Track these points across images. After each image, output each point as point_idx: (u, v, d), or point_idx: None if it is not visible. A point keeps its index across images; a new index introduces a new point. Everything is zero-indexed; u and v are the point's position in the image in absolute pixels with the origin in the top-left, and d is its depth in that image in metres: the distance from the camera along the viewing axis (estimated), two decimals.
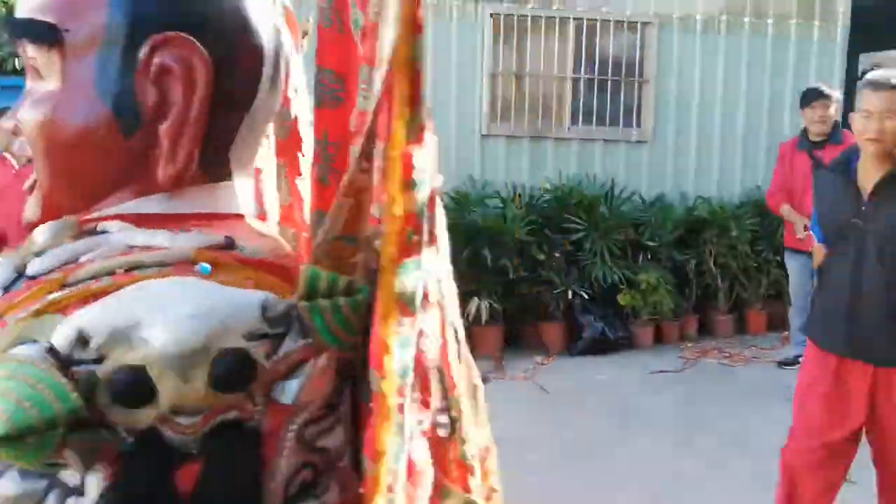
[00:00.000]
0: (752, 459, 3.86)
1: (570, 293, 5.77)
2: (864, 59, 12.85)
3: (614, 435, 4.34)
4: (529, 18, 6.34)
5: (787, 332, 6.23)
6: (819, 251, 2.83)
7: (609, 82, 6.54)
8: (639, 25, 6.53)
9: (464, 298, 5.52)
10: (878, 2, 8.54)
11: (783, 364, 5.41)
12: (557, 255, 5.86)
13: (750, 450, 4.03)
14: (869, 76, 2.60)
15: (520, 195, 6.16)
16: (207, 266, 0.67)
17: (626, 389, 5.05)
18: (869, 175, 2.56)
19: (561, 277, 5.82)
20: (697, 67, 6.66)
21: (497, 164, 6.37)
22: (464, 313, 5.48)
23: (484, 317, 5.56)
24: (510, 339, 5.83)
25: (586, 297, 5.82)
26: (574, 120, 6.51)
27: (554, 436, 4.32)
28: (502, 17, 6.30)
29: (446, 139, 6.27)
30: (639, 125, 6.63)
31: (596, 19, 6.45)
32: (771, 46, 6.76)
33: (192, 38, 0.69)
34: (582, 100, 6.50)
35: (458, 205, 5.87)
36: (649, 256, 6.12)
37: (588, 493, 3.61)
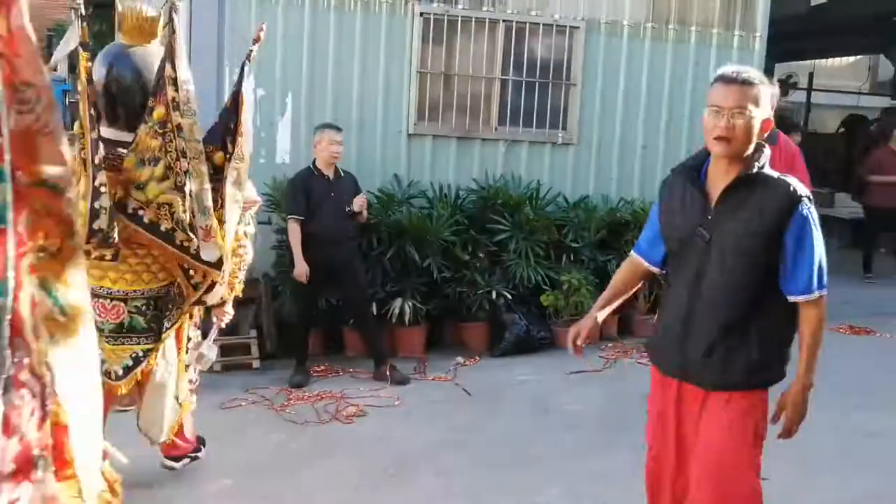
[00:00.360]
0: None
1: (493, 293, 5.82)
2: (779, 69, 13.32)
3: (536, 435, 4.40)
4: (459, 19, 6.35)
5: None
6: None
7: (537, 84, 6.60)
8: (567, 29, 6.60)
9: (388, 298, 5.55)
10: (793, 15, 8.84)
11: None
12: (482, 255, 5.91)
13: None
14: (720, 70, 2.37)
15: (446, 195, 6.19)
16: None
17: (547, 390, 5.13)
18: (717, 180, 2.36)
19: (485, 278, 5.87)
20: (623, 72, 6.78)
21: (423, 163, 6.37)
22: (388, 313, 5.51)
23: (408, 317, 5.57)
24: (433, 340, 5.86)
25: (509, 297, 5.88)
26: (501, 121, 6.55)
27: (475, 436, 4.36)
28: (432, 16, 6.29)
29: (372, 137, 6.25)
30: (565, 127, 6.71)
31: (525, 22, 6.50)
32: (693, 53, 6.93)
33: None
34: (510, 101, 6.55)
35: (383, 204, 5.85)
36: (572, 257, 6.22)
37: (510, 494, 3.65)
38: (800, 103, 16.41)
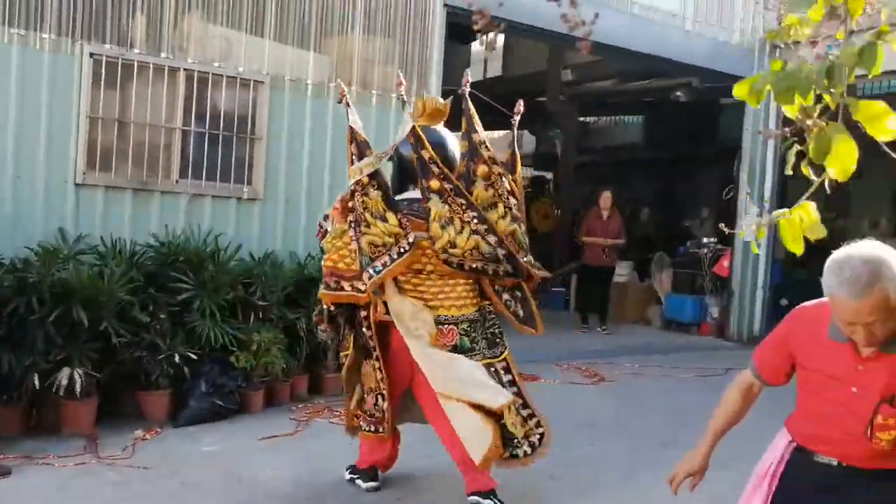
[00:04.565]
0: None
1: (176, 357, 5.38)
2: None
3: None
4: (135, 64, 5.92)
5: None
6: None
7: (220, 137, 6.37)
8: (252, 83, 6.49)
9: (53, 368, 4.85)
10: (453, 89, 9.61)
11: None
12: (163, 316, 5.46)
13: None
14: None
15: (120, 251, 5.64)
16: None
17: (238, 459, 4.81)
18: None
19: (167, 340, 5.41)
20: (308, 129, 6.81)
21: (94, 216, 5.77)
22: (54, 385, 4.82)
23: (77, 388, 4.92)
24: (106, 413, 5.23)
25: (195, 359, 5.48)
26: (183, 173, 6.19)
27: None
28: (104, 58, 5.79)
29: (33, 187, 5.54)
30: (250, 182, 6.54)
31: (208, 73, 6.27)
32: (375, 115, 7.19)
33: None
34: (192, 153, 6.23)
35: (45, 261, 5.16)
36: (261, 315, 6.01)
37: None
38: None
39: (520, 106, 4.49)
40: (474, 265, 3.96)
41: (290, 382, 6.10)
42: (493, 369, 4.06)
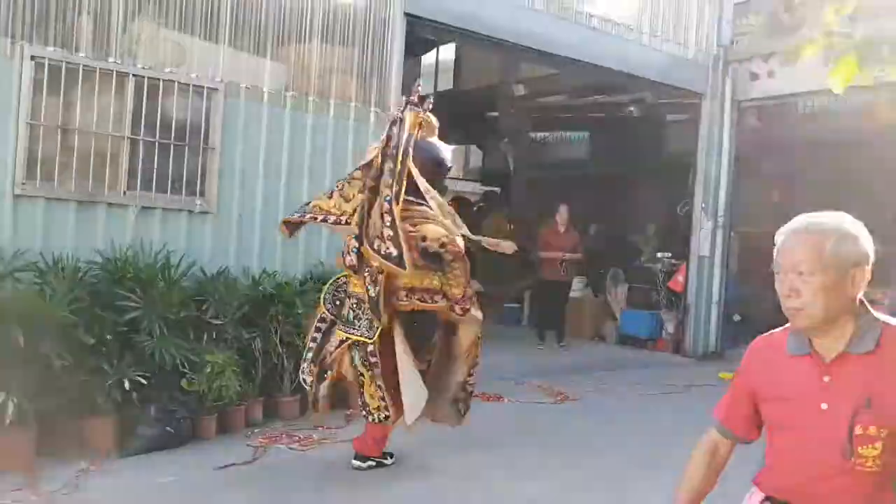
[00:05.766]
0: None
1: (125, 381, 5.00)
2: None
3: None
4: (81, 68, 5.55)
5: (352, 410, 6.26)
6: None
7: (171, 147, 6.02)
8: (205, 90, 6.16)
9: None
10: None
11: None
12: (109, 337, 5.08)
13: None
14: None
15: (63, 268, 5.25)
16: None
17: (194, 491, 4.47)
18: None
19: (114, 363, 5.04)
20: (264, 139, 6.51)
21: (34, 230, 5.36)
22: None
23: (12, 419, 4.51)
24: (46, 445, 4.79)
25: (144, 384, 5.10)
26: (131, 185, 5.82)
27: None
28: (47, 62, 5.41)
29: None
30: (202, 194, 6.20)
31: (158, 79, 5.92)
32: (332, 125, 6.92)
33: None
34: (141, 163, 5.86)
35: None
36: (214, 335, 5.67)
37: None
38: None
39: (417, 85, 4.93)
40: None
41: (245, 407, 5.76)
42: (368, 348, 4.65)
